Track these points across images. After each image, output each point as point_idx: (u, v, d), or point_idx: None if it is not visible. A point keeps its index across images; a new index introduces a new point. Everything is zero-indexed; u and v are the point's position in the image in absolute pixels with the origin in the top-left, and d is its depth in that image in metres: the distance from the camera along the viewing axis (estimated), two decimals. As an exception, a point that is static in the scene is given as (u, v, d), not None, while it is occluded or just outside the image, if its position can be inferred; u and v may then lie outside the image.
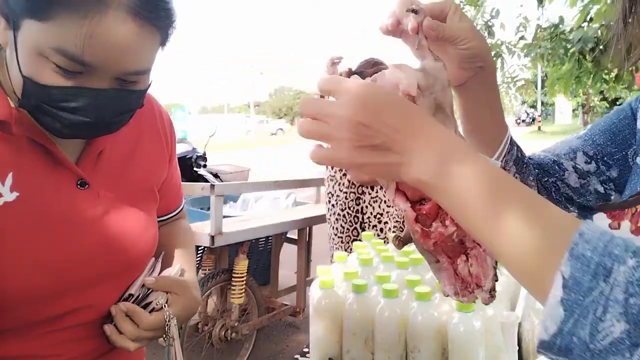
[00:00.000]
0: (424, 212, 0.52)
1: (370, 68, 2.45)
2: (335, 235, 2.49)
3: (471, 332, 0.88)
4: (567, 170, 0.74)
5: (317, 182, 3.47)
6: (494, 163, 0.64)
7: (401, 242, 0.58)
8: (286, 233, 3.25)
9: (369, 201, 2.40)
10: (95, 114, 0.67)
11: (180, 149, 5.24)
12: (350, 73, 2.49)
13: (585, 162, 0.73)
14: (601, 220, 0.57)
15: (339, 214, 2.47)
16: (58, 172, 0.73)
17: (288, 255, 3.60)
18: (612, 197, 0.73)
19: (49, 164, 0.72)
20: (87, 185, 0.75)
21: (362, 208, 2.41)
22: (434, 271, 0.57)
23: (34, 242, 0.69)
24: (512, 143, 0.69)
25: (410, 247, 1.28)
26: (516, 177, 0.69)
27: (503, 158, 0.67)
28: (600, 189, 0.72)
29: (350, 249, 2.43)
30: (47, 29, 0.61)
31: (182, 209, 1.03)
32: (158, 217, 0.92)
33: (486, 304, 0.54)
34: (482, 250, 0.52)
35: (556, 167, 0.75)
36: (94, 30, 0.61)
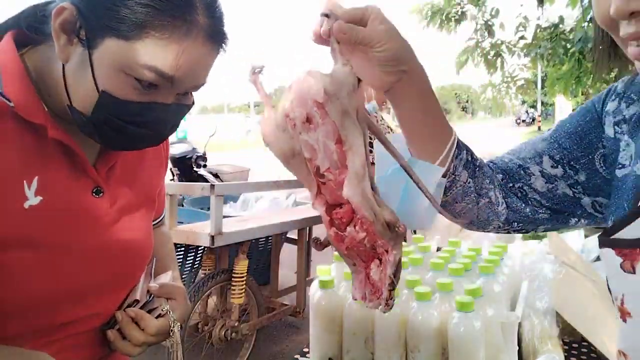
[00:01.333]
0: (339, 216, 0.53)
1: None
2: None
3: (471, 332, 0.88)
4: (534, 174, 0.72)
5: (317, 182, 3.47)
6: (435, 169, 0.63)
7: (321, 245, 0.59)
8: (286, 233, 3.25)
9: None
10: (158, 127, 0.72)
11: (180, 149, 5.25)
12: None
13: (552, 167, 0.71)
14: (610, 258, 0.53)
15: None
16: (77, 178, 0.74)
17: (288, 255, 3.60)
18: (583, 201, 0.70)
19: (70, 170, 0.73)
20: (101, 193, 0.77)
21: None
22: (352, 274, 0.58)
23: (51, 247, 0.70)
24: (461, 147, 0.68)
25: (410, 247, 1.28)
26: (469, 182, 0.68)
27: (451, 163, 0.65)
28: (569, 192, 0.70)
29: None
30: (134, 48, 0.64)
31: (164, 215, 1.05)
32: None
33: (384, 312, 0.55)
34: (389, 257, 0.53)
35: (522, 171, 0.73)
36: (185, 52, 0.66)
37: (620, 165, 0.65)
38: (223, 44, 0.73)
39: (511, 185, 0.73)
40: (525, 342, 1.07)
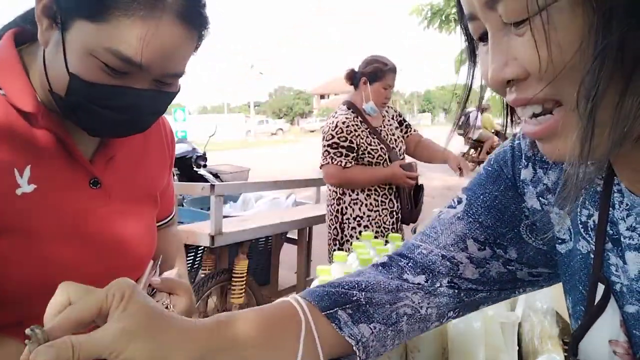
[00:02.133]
0: None
1: (365, 67, 2.45)
2: (328, 229, 2.55)
3: (471, 332, 0.88)
4: (461, 263, 0.62)
5: (317, 182, 3.48)
6: None
7: None
8: (286, 233, 3.25)
9: (349, 202, 2.40)
10: (134, 112, 0.71)
11: (180, 149, 5.25)
12: (352, 73, 2.50)
13: (479, 249, 0.61)
14: None
15: (326, 208, 2.54)
16: (73, 169, 0.74)
17: (288, 255, 3.60)
18: (518, 275, 0.62)
19: (65, 161, 0.74)
20: (99, 185, 0.77)
21: (342, 209, 2.42)
22: None
23: (47, 236, 0.70)
24: (328, 319, 0.56)
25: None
26: (378, 329, 0.58)
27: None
28: (504, 270, 0.62)
29: (332, 247, 2.45)
30: (101, 30, 0.63)
31: (174, 215, 1.05)
32: (156, 222, 0.94)
33: None
34: None
35: (447, 263, 0.62)
36: (151, 34, 0.64)
37: (559, 241, 0.58)
38: (202, 29, 0.71)
39: (438, 285, 0.62)
40: (525, 342, 1.07)
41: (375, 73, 2.41)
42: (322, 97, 64.20)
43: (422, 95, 69.50)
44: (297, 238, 3.21)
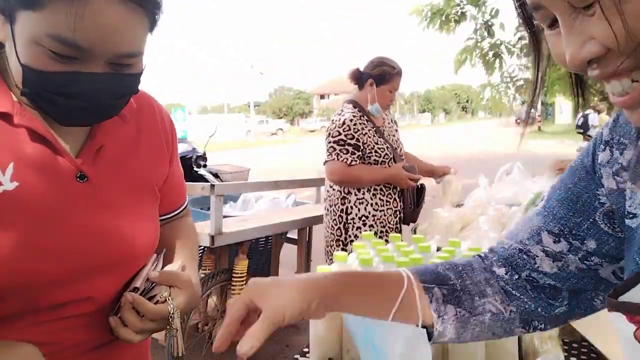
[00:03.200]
0: None
1: (373, 69, 2.45)
2: (325, 229, 2.53)
3: (471, 332, 0.88)
4: (537, 256, 0.63)
5: (317, 182, 3.48)
6: (418, 332, 0.62)
7: None
8: (286, 233, 3.25)
9: (355, 202, 2.39)
10: (91, 98, 0.70)
11: (180, 149, 5.20)
12: (357, 73, 2.50)
13: (554, 242, 0.62)
14: (622, 324, 0.46)
15: (327, 209, 2.51)
16: (58, 164, 0.75)
17: (288, 255, 3.60)
18: (601, 273, 0.61)
19: (49, 157, 0.74)
20: (86, 179, 0.77)
21: (347, 208, 2.41)
22: None
23: (32, 230, 0.71)
24: (428, 286, 0.65)
25: (410, 247, 1.28)
26: (459, 312, 0.64)
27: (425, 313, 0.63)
28: (583, 266, 0.61)
29: (333, 248, 2.44)
30: (41, 17, 0.64)
31: (185, 207, 1.03)
32: (160, 216, 0.93)
33: None
34: None
35: (524, 256, 0.64)
36: (82, 12, 0.64)
37: (630, 215, 0.56)
38: (151, 7, 0.71)
39: (517, 277, 0.65)
40: (525, 342, 1.07)
41: (382, 76, 2.42)
42: (322, 97, 64.23)
43: (422, 95, 69.46)
44: (297, 238, 3.21)
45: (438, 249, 1.31)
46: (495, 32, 6.67)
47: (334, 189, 2.46)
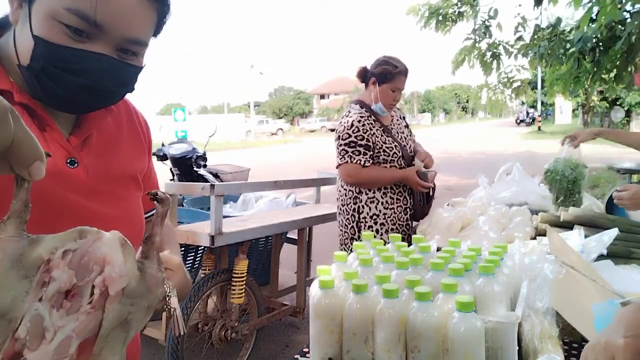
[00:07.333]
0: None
1: (375, 68, 2.45)
2: (339, 228, 2.53)
3: (471, 332, 0.88)
4: None
5: (317, 182, 3.48)
6: None
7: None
8: (286, 233, 3.25)
9: (366, 201, 2.40)
10: (97, 78, 0.73)
11: (180, 149, 5.24)
12: (363, 72, 2.49)
13: None
14: None
15: (340, 208, 2.52)
16: (49, 149, 0.76)
17: (288, 255, 3.60)
18: None
19: (42, 140, 0.75)
20: (76, 164, 0.79)
21: (358, 207, 2.42)
22: None
23: None
24: None
25: (410, 247, 1.28)
26: None
27: None
28: None
29: (348, 246, 2.45)
30: None
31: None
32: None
33: None
34: None
35: None
36: None
37: None
38: (162, 6, 0.76)
39: None
40: (525, 342, 1.07)
41: (384, 74, 2.41)
42: (322, 97, 64.13)
43: (422, 95, 69.44)
44: (297, 238, 3.21)
45: (438, 249, 1.31)
46: (493, 32, 6.67)
47: (345, 189, 2.46)
